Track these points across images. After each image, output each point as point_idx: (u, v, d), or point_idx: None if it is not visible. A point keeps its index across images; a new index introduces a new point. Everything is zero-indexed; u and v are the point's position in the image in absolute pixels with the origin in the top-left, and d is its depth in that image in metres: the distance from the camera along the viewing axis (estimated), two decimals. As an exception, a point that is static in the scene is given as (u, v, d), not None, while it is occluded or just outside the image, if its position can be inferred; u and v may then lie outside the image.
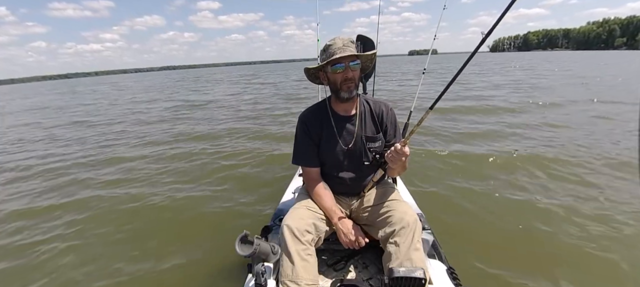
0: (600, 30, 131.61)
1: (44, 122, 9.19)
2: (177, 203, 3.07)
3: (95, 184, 3.68)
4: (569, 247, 2.14)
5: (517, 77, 15.25)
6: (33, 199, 3.35)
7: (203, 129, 6.66)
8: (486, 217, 2.57)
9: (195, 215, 2.83)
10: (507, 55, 63.47)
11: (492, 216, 2.59)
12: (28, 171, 4.36)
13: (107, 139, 6.13)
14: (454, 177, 3.35)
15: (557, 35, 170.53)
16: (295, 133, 1.46)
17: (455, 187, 3.14)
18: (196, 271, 2.08)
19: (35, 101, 18.38)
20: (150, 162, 4.45)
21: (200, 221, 2.73)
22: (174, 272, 2.09)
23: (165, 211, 2.93)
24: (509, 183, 3.17)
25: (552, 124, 5.40)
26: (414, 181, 3.21)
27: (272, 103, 10.32)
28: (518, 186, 3.08)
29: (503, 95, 9.30)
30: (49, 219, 2.89)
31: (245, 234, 1.17)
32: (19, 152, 5.53)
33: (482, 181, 3.22)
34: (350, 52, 1.26)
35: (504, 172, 3.41)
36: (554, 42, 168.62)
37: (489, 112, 6.79)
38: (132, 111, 10.28)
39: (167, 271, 2.10)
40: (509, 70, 21.12)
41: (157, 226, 2.70)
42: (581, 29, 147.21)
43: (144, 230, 2.66)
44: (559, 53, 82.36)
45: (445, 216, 2.56)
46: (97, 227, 2.70)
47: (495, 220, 2.53)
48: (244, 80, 25.49)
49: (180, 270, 2.10)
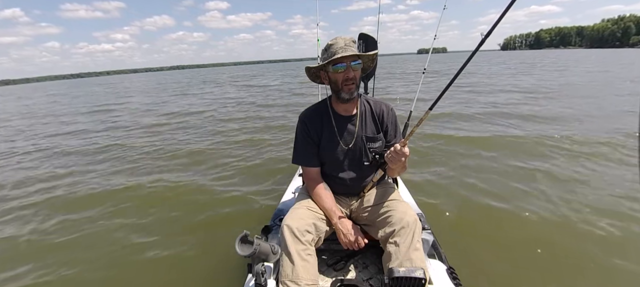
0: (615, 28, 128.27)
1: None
2: (176, 203, 3.10)
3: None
4: (569, 247, 2.11)
5: (558, 79, 13.03)
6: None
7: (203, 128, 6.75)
8: (486, 217, 2.56)
9: (194, 215, 2.84)
10: (524, 55, 61.29)
11: (492, 215, 2.58)
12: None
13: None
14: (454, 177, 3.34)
15: (570, 33, 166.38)
16: (296, 133, 1.47)
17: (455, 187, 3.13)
18: (196, 271, 2.09)
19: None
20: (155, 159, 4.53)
21: (200, 220, 2.74)
22: (174, 272, 2.10)
23: (165, 211, 2.96)
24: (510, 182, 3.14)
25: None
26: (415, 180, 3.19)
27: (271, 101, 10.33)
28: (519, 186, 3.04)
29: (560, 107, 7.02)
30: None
31: (245, 234, 1.18)
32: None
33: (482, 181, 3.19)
34: (351, 52, 1.26)
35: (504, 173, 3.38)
36: (567, 40, 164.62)
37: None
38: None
39: (166, 271, 2.12)
40: (539, 68, 19.23)
41: (157, 226, 2.71)
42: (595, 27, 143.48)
43: (144, 229, 2.67)
44: (574, 51, 78.77)
45: (445, 215, 2.55)
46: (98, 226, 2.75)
47: (496, 220, 2.52)
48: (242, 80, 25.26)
49: (180, 270, 2.12)
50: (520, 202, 2.73)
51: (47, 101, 18.61)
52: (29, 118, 10.79)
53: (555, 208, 2.59)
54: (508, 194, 2.92)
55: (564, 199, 2.73)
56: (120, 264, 2.24)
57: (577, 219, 2.40)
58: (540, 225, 2.38)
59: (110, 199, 3.29)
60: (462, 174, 3.42)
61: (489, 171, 3.45)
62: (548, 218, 2.46)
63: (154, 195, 3.35)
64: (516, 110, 6.71)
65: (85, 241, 2.54)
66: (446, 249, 1.50)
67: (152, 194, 3.36)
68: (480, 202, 2.78)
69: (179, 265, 2.17)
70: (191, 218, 2.80)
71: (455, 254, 1.89)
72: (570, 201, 2.68)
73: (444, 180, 3.31)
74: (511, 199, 2.80)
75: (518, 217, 2.51)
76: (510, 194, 2.90)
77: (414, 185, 3.05)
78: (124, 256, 2.32)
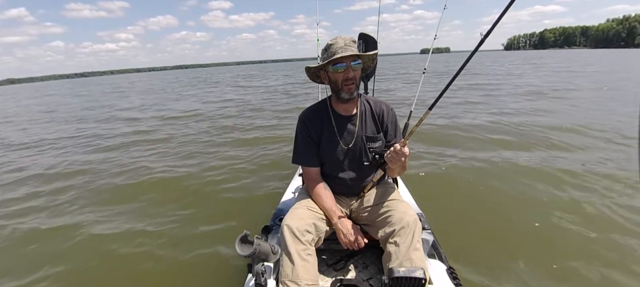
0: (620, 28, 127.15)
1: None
2: (176, 203, 3.11)
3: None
4: (569, 248, 2.10)
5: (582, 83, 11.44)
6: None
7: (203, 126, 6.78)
8: (486, 217, 2.55)
9: (194, 215, 2.85)
10: (528, 54, 60.39)
11: (492, 216, 2.57)
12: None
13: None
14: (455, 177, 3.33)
15: (574, 33, 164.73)
16: (296, 133, 1.47)
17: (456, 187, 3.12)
18: (196, 271, 2.10)
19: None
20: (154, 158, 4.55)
21: (199, 221, 2.75)
22: (174, 272, 2.11)
23: (164, 211, 2.97)
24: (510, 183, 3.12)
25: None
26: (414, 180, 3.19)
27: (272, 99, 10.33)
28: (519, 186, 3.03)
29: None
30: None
31: (245, 234, 1.18)
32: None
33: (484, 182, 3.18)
34: (351, 52, 1.27)
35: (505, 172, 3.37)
36: (572, 40, 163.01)
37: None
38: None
39: (166, 271, 2.13)
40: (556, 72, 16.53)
41: (157, 226, 2.71)
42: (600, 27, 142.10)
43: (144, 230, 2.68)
44: (579, 51, 76.60)
45: (445, 215, 2.53)
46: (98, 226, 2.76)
47: (496, 220, 2.51)
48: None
49: (180, 270, 2.12)
50: (521, 202, 2.72)
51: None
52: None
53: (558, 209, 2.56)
54: (509, 193, 2.91)
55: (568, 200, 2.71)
56: (119, 264, 2.25)
57: (580, 223, 2.37)
58: (541, 226, 2.36)
59: (111, 198, 3.31)
60: (462, 173, 3.41)
61: (492, 171, 3.44)
62: (549, 218, 2.44)
63: (154, 195, 3.36)
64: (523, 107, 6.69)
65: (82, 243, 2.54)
66: (446, 249, 1.50)
67: (152, 194, 3.37)
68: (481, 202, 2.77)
69: (179, 265, 2.17)
70: (191, 218, 2.80)
71: (455, 254, 1.89)
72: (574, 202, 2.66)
73: (445, 179, 3.30)
74: (512, 199, 2.79)
75: (519, 218, 2.49)
76: (511, 194, 2.89)
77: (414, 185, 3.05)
78: (122, 256, 2.32)
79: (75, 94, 23.95)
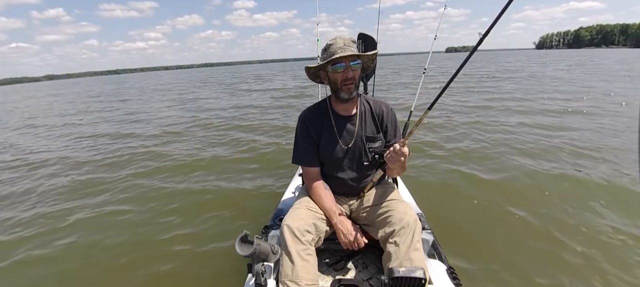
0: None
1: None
2: (176, 203, 3.10)
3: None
4: (570, 248, 2.10)
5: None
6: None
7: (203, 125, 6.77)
8: (487, 217, 2.55)
9: (194, 215, 2.84)
10: (566, 53, 54.07)
11: (492, 215, 2.57)
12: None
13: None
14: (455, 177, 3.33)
15: (613, 31, 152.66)
16: (295, 133, 1.47)
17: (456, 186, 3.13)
18: (196, 271, 2.10)
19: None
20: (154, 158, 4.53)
21: (199, 220, 2.74)
22: (174, 272, 2.10)
23: (164, 211, 2.96)
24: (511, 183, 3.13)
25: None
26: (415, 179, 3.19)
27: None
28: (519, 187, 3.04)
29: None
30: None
31: (245, 234, 1.18)
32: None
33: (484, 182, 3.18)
34: (350, 52, 1.27)
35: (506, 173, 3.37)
36: (610, 39, 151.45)
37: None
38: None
39: (166, 271, 2.12)
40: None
41: (156, 227, 2.71)
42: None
43: (143, 229, 2.67)
44: (618, 51, 69.22)
45: (446, 215, 2.54)
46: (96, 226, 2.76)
47: (496, 220, 2.51)
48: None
49: (180, 269, 2.12)
50: (521, 202, 2.72)
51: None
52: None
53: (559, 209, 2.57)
54: (509, 194, 2.91)
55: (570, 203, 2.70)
56: (118, 264, 2.24)
57: (581, 223, 2.37)
58: (542, 227, 2.36)
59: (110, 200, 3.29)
60: (463, 173, 3.42)
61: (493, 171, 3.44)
62: (549, 218, 2.45)
63: (153, 195, 3.35)
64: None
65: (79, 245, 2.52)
66: (446, 249, 1.50)
67: (152, 194, 3.36)
68: (482, 202, 2.77)
69: (179, 265, 2.17)
70: (191, 218, 2.80)
71: (455, 254, 1.89)
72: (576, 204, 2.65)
73: (445, 180, 3.30)
74: (512, 199, 2.79)
75: (519, 218, 2.50)
76: (512, 194, 2.89)
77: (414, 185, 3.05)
78: (122, 256, 2.31)
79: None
